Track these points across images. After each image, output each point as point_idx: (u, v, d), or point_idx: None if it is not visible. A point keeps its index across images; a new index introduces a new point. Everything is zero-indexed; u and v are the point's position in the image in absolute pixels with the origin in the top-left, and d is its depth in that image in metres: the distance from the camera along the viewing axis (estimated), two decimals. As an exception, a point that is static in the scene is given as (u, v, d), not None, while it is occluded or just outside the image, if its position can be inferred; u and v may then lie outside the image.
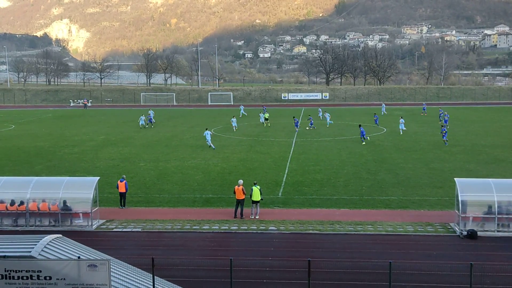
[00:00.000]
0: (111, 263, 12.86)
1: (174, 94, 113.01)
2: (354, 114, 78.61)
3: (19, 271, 12.62)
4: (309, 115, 64.08)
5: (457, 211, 23.24)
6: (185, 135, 55.20)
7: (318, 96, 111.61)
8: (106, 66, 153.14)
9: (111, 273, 12.73)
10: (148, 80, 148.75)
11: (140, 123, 62.38)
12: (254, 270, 18.49)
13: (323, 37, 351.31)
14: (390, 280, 14.94)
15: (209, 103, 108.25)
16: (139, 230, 23.55)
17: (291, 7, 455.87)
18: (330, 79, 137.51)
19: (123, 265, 14.62)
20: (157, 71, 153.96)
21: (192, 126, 64.12)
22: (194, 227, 23.74)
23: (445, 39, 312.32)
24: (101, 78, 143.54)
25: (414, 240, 21.99)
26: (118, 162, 39.16)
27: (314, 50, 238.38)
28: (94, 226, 23.77)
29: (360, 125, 49.48)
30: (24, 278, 12.61)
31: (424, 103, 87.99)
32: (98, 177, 25.51)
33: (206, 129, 47.32)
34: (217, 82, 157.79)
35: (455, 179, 24.34)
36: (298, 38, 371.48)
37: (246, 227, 23.69)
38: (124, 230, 23.57)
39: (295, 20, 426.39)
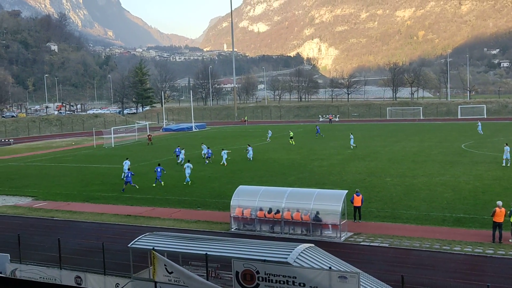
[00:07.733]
0: (360, 276, 13.08)
1: (421, 108, 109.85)
2: None
3: (277, 275, 13.67)
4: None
5: None
6: (433, 150, 53.12)
7: None
8: (353, 82, 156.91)
9: (361, 286, 12.93)
10: (394, 94, 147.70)
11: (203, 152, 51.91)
12: (514, 301, 16.83)
13: None
14: None
15: (458, 117, 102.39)
16: (387, 245, 23.41)
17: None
18: None
19: (372, 279, 14.75)
20: (403, 85, 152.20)
21: (440, 141, 61.39)
22: (444, 247, 22.64)
23: None
24: (348, 94, 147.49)
25: None
26: (365, 176, 39.58)
27: None
28: (342, 238, 24.42)
29: None
30: (281, 282, 13.59)
31: None
32: (346, 191, 26.20)
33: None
34: (468, 94, 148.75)
35: None
36: None
37: (503, 252, 21.71)
38: (371, 244, 23.68)
39: None
